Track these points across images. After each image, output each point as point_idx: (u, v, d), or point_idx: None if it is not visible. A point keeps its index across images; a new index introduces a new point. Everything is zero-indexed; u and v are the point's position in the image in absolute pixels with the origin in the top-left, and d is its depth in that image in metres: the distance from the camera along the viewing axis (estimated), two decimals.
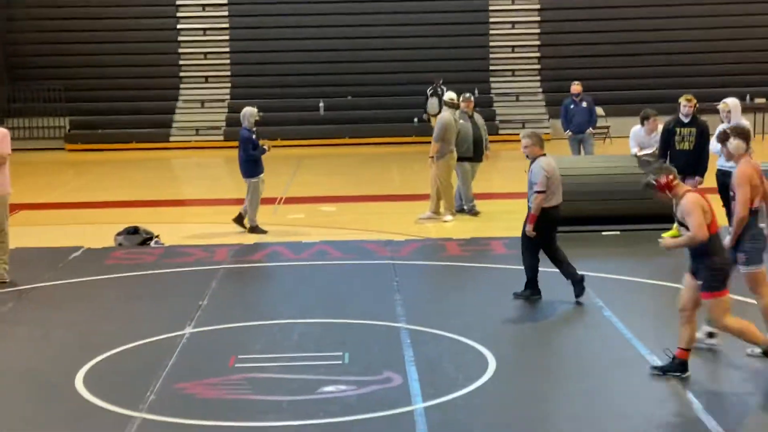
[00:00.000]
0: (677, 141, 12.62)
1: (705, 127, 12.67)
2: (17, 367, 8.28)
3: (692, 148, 12.55)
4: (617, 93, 27.90)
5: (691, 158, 12.54)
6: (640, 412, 6.97)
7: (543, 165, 9.94)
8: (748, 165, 8.10)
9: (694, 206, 7.47)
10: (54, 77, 28.44)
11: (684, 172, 12.66)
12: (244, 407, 7.22)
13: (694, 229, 7.43)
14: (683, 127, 12.63)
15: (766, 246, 8.13)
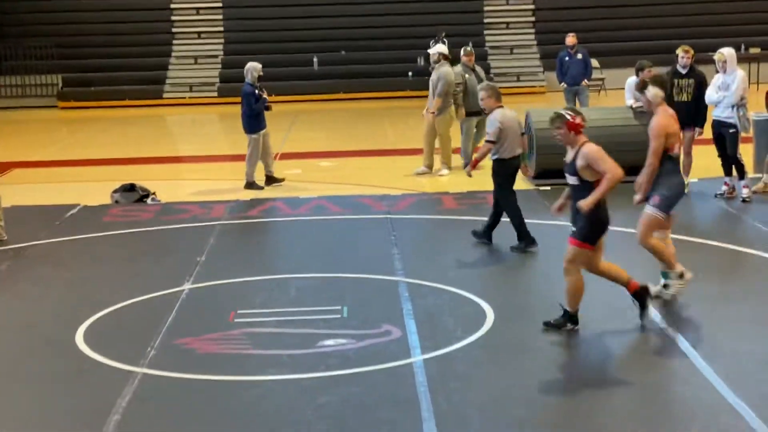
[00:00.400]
0: (675, 92, 12.60)
1: (703, 77, 12.65)
2: (16, 325, 8.32)
3: (690, 99, 12.55)
4: (612, 45, 27.80)
5: (690, 109, 12.53)
6: (636, 359, 7.05)
7: (497, 116, 10.16)
8: (666, 115, 8.17)
9: (600, 152, 7.52)
10: (46, 34, 28.27)
11: (683, 123, 12.65)
12: (244, 361, 7.26)
13: (611, 172, 7.44)
14: (681, 78, 12.61)
15: (681, 196, 8.28)
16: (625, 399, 6.45)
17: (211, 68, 28.54)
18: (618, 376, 6.82)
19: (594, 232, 7.57)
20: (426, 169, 14.93)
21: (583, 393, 6.55)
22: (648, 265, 8.66)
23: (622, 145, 13.67)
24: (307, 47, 28.51)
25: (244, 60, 28.97)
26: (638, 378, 6.74)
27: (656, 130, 8.10)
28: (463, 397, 6.47)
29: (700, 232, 11.09)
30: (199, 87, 27.98)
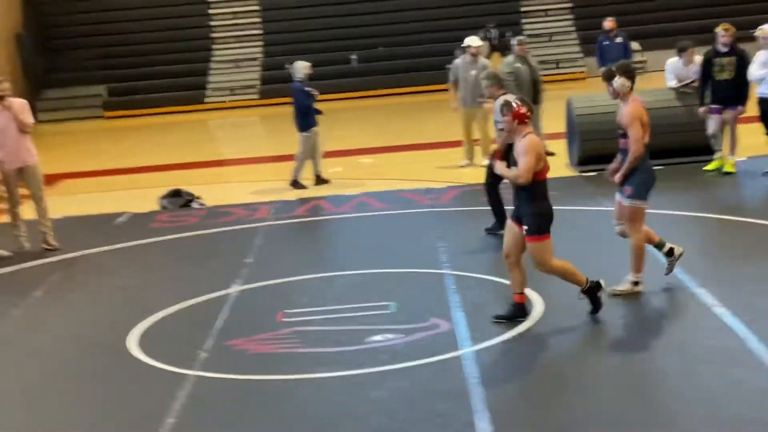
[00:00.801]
0: (716, 71, 12.46)
1: (744, 55, 12.49)
2: (70, 333, 8.43)
3: (732, 77, 12.40)
4: (652, 26, 27.54)
5: (731, 88, 12.40)
6: (691, 345, 6.96)
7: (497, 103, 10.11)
8: (637, 103, 8.08)
9: (531, 149, 7.42)
10: (89, 46, 28.62)
11: (725, 102, 12.55)
12: (294, 360, 7.30)
13: (521, 171, 7.39)
14: (722, 56, 12.47)
15: (653, 184, 8.15)
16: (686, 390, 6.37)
17: (251, 71, 28.70)
18: (678, 368, 6.70)
19: (542, 222, 7.54)
20: (469, 161, 14.91)
21: (639, 381, 6.50)
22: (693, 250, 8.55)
23: (667, 126, 13.59)
24: (345, 45, 28.57)
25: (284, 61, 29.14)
26: (694, 366, 6.68)
27: (630, 117, 7.99)
28: (514, 388, 6.47)
29: (749, 211, 10.98)
30: (240, 90, 28.16)
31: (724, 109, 12.56)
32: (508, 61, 15.10)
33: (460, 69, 14.57)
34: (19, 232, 11.43)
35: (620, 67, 8.19)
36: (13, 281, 10.37)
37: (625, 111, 8.08)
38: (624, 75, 8.09)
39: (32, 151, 11.34)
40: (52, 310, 9.17)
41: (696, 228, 10.51)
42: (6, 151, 11.16)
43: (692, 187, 12.28)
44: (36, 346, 8.17)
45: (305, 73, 14.25)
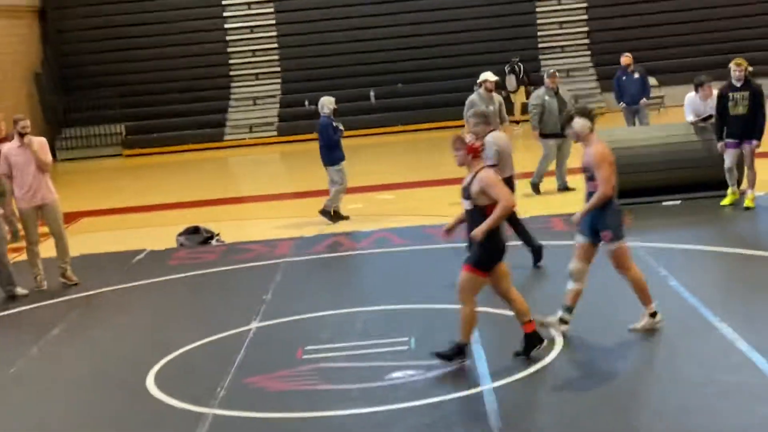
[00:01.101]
0: (731, 106, 12.47)
1: (758, 90, 12.51)
2: (90, 370, 8.43)
3: (747, 112, 12.41)
4: (669, 62, 27.54)
5: (746, 122, 12.42)
6: (712, 382, 6.88)
7: (492, 140, 10.48)
8: (601, 143, 8.00)
9: (497, 179, 7.46)
10: (107, 85, 28.80)
11: (740, 136, 12.54)
12: (314, 397, 7.27)
13: (505, 198, 7.38)
14: (736, 91, 12.48)
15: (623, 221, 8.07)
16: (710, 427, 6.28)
17: (270, 108, 28.83)
18: (701, 405, 6.63)
19: (488, 259, 7.48)
20: None
21: (660, 419, 6.42)
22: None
23: (685, 162, 13.57)
24: (364, 82, 28.66)
25: (302, 98, 29.27)
26: (715, 402, 6.61)
27: (599, 157, 7.85)
28: (535, 424, 6.42)
29: None
30: (259, 127, 28.26)
31: (740, 143, 12.56)
32: (538, 94, 15.16)
33: (476, 104, 14.49)
34: (38, 271, 11.47)
35: (578, 110, 8.16)
36: (31, 319, 10.40)
37: (591, 152, 7.94)
38: (583, 116, 8.01)
39: (51, 188, 11.45)
40: (71, 348, 9.17)
41: (716, 262, 10.44)
42: (25, 189, 11.26)
43: (711, 222, 12.22)
44: (54, 384, 8.17)
45: (331, 108, 14.36)
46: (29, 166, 11.22)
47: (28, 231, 11.49)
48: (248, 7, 30.25)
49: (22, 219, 11.46)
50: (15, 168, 11.29)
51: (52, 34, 29.68)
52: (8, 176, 11.44)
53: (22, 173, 11.23)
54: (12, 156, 11.32)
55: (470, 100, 14.57)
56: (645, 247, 10.92)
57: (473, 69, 28.02)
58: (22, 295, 11.13)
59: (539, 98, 15.06)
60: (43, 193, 11.33)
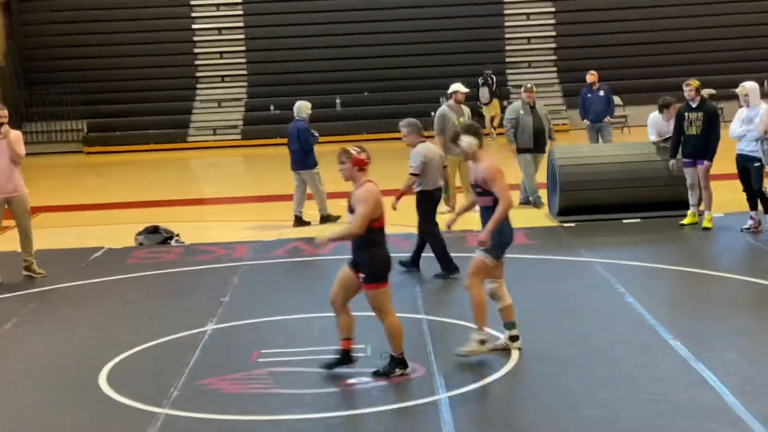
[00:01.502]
0: (686, 126, 12.66)
1: (712, 111, 12.68)
2: (41, 366, 8.31)
3: (700, 133, 12.56)
4: (634, 82, 27.81)
5: (699, 142, 12.60)
6: (667, 399, 6.91)
7: (421, 150, 10.84)
8: (491, 157, 8.01)
9: (369, 197, 7.42)
10: (70, 80, 28.59)
11: (693, 156, 12.70)
12: (267, 401, 7.21)
13: (357, 218, 7.38)
14: (691, 111, 12.66)
15: (511, 241, 8.02)
16: None
17: (234, 111, 28.73)
18: (655, 421, 6.64)
19: (380, 272, 7.50)
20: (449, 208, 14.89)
21: (611, 429, 6.44)
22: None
23: (646, 180, 13.68)
24: (330, 89, 28.66)
25: (267, 103, 29.20)
26: (670, 419, 6.64)
27: (492, 170, 7.79)
28: None
29: (726, 266, 11.01)
30: (223, 130, 28.16)
31: (694, 163, 12.71)
32: (514, 107, 15.16)
33: (447, 115, 14.45)
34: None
35: (464, 128, 8.10)
36: None
37: (482, 167, 7.87)
38: (469, 134, 7.95)
39: (21, 182, 11.37)
40: (22, 343, 9.04)
41: (673, 281, 10.51)
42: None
43: (669, 241, 12.31)
44: (3, 380, 8.04)
45: (308, 113, 14.42)
46: (2, 158, 11.14)
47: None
48: (217, 9, 30.16)
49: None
50: None
51: (15, 27, 29.41)
52: None
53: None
54: None
55: (441, 111, 14.56)
56: (603, 263, 10.98)
57: (439, 81, 28.14)
58: None
59: (515, 112, 15.07)
60: (13, 185, 11.26)
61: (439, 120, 14.40)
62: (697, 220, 12.87)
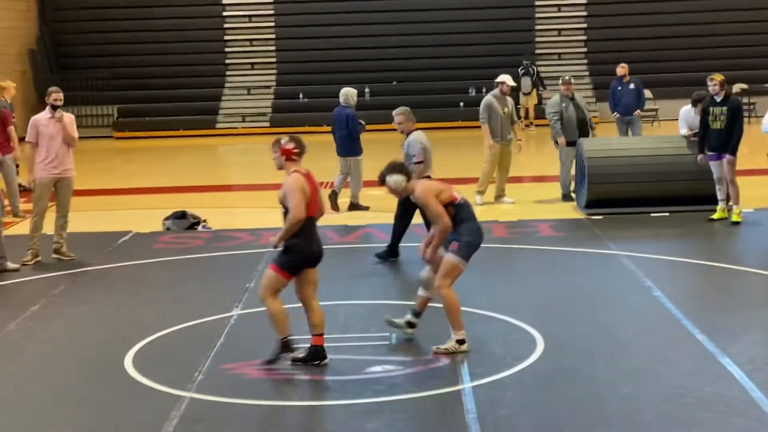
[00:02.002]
0: (711, 120, 12.60)
1: (736, 105, 12.66)
2: (68, 348, 8.38)
3: (723, 127, 12.51)
4: (666, 75, 27.58)
5: (722, 137, 12.53)
6: (692, 393, 6.87)
7: (418, 137, 11.03)
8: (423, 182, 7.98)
9: (294, 186, 7.46)
10: (101, 66, 28.70)
11: (717, 150, 12.63)
12: (291, 387, 7.24)
13: (292, 209, 7.42)
14: (715, 106, 12.62)
15: (480, 243, 7.89)
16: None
17: (263, 99, 28.76)
18: (680, 415, 6.60)
19: (291, 264, 7.52)
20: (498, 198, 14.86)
21: (638, 427, 6.41)
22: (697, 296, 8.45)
23: (675, 174, 13.59)
24: (360, 78, 28.57)
25: (296, 91, 29.22)
26: (695, 413, 6.60)
27: (423, 197, 7.72)
28: (513, 425, 6.39)
29: (755, 262, 10.91)
30: (251, 117, 28.19)
31: (719, 157, 12.65)
32: (555, 101, 15.05)
33: (493, 104, 14.45)
34: (36, 243, 11.47)
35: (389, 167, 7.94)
36: (13, 294, 10.35)
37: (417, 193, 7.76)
38: (395, 172, 7.87)
39: (72, 164, 11.61)
40: (50, 325, 9.12)
41: (700, 276, 10.44)
42: (49, 159, 11.36)
43: (698, 235, 12.23)
44: (31, 361, 8.11)
45: (355, 99, 14.53)
46: (57, 139, 11.36)
47: (41, 200, 11.46)
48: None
49: (37, 187, 11.42)
50: (42, 138, 11.34)
51: (48, 12, 29.56)
52: (34, 145, 11.39)
53: (48, 144, 11.33)
54: (41, 126, 11.38)
55: (486, 100, 14.55)
56: (630, 257, 10.92)
57: (469, 71, 28.18)
58: (12, 270, 11.07)
59: (557, 105, 14.94)
60: (65, 167, 11.47)
61: (485, 109, 14.45)
62: (726, 215, 12.78)
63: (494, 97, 14.50)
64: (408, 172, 7.95)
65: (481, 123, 14.59)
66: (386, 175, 7.94)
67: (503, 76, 14.70)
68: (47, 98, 11.47)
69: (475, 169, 15.29)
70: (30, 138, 11.41)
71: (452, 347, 7.75)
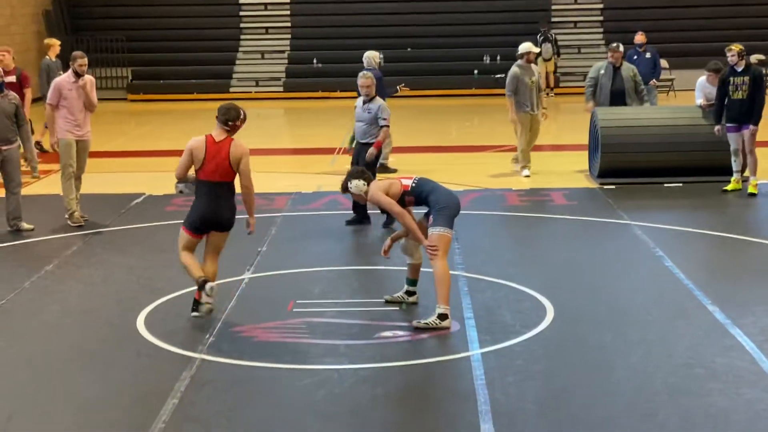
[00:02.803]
0: (731, 90, 12.52)
1: (758, 74, 12.58)
2: (80, 309, 8.43)
3: (745, 97, 12.43)
4: (682, 45, 27.37)
5: (744, 107, 12.46)
6: (701, 363, 6.88)
7: (385, 103, 11.50)
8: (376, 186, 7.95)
9: (186, 148, 8.19)
10: (116, 28, 28.63)
11: (738, 120, 12.56)
12: (301, 350, 7.27)
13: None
14: (736, 76, 12.53)
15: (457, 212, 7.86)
16: (696, 408, 6.27)
17: (277, 63, 28.68)
18: (688, 385, 6.60)
19: (189, 221, 8.16)
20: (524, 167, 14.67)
21: (646, 395, 6.42)
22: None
23: (689, 145, 13.54)
24: (374, 44, 28.43)
25: (310, 56, 29.12)
26: (704, 384, 6.61)
27: (374, 198, 7.86)
28: (521, 392, 6.41)
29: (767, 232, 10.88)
30: (265, 82, 28.14)
31: (739, 128, 12.58)
32: (596, 67, 14.80)
33: (519, 75, 14.27)
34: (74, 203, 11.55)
35: (350, 173, 8.07)
36: (29, 254, 10.41)
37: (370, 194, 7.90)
38: (355, 178, 7.98)
39: (90, 128, 11.74)
40: (63, 285, 9.17)
41: (712, 247, 10.42)
42: (71, 121, 11.46)
43: (711, 206, 12.19)
44: (44, 320, 8.17)
45: (377, 62, 14.43)
46: (79, 102, 11.46)
47: (67, 162, 11.52)
48: None
49: (61, 149, 11.48)
50: (64, 101, 11.42)
51: None
52: (55, 107, 11.43)
53: (71, 107, 11.41)
54: (65, 90, 11.43)
55: (513, 72, 14.27)
56: (642, 227, 10.91)
57: (483, 39, 28.01)
58: (27, 230, 11.14)
59: (595, 71, 14.67)
60: (85, 130, 11.58)
61: (512, 80, 14.19)
62: (740, 186, 12.73)
63: (519, 67, 14.31)
64: (368, 177, 8.06)
65: (507, 97, 14.38)
66: (348, 182, 8.05)
67: (526, 44, 14.47)
68: (72, 63, 11.47)
69: (490, 136, 15.23)
70: (51, 100, 11.44)
71: (433, 322, 7.63)
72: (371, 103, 11.38)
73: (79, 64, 11.44)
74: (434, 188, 7.90)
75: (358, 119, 11.48)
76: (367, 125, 11.35)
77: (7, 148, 11.09)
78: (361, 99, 11.51)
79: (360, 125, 11.44)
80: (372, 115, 11.33)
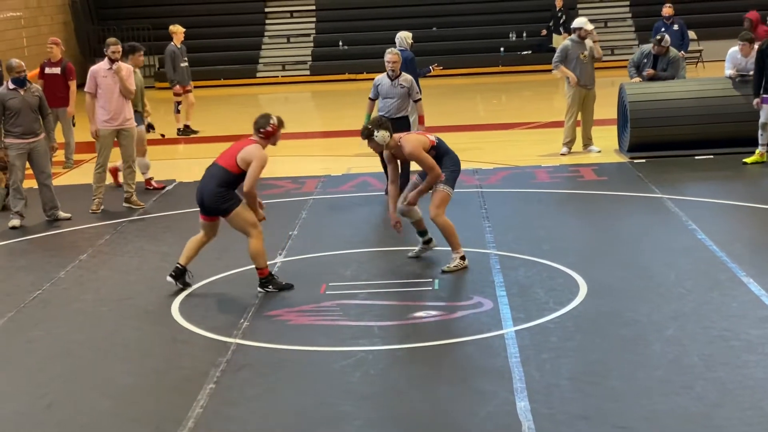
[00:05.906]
0: None
1: None
2: (116, 297, 8.49)
3: None
4: (711, 16, 27.10)
5: None
6: (737, 336, 6.85)
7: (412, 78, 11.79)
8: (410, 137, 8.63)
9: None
10: (142, 16, 28.72)
11: None
12: (336, 333, 7.30)
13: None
14: None
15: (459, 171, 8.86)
16: (731, 379, 6.24)
17: (303, 47, 28.67)
18: (724, 357, 6.58)
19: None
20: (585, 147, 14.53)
21: (681, 369, 6.40)
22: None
23: (719, 116, 13.43)
24: (399, 24, 28.36)
25: (336, 38, 29.09)
26: (740, 356, 6.58)
27: (416, 153, 8.51)
28: (556, 369, 6.41)
29: None
30: (291, 66, 28.14)
31: None
32: (642, 48, 14.74)
33: (570, 49, 14.19)
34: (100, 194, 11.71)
35: (374, 123, 8.56)
36: (64, 243, 10.51)
37: (408, 149, 8.49)
38: (381, 129, 8.48)
39: (131, 115, 11.78)
40: (98, 273, 9.24)
41: (746, 218, 10.34)
42: (107, 111, 11.53)
43: (743, 178, 12.10)
44: (80, 308, 8.24)
45: (409, 42, 14.43)
46: (114, 90, 11.51)
47: (102, 153, 11.64)
48: None
49: (99, 140, 11.59)
50: (100, 89, 11.51)
51: None
52: (93, 95, 11.52)
53: (106, 95, 11.52)
54: (99, 77, 11.53)
55: (564, 44, 14.26)
56: (674, 200, 10.85)
57: (509, 16, 27.87)
58: (64, 218, 11.26)
59: (639, 56, 14.52)
60: (123, 118, 11.64)
61: (562, 51, 14.11)
62: (764, 159, 12.61)
63: (571, 41, 14.24)
64: (391, 129, 8.61)
65: (553, 68, 14.34)
66: (375, 130, 8.47)
67: (580, 20, 14.40)
68: (106, 49, 11.57)
69: (518, 114, 15.16)
70: (89, 88, 11.54)
71: (457, 264, 8.55)
72: (400, 79, 11.58)
73: (112, 51, 11.50)
74: (447, 150, 8.83)
75: (385, 96, 11.53)
76: (400, 100, 11.59)
77: (35, 140, 11.17)
78: (385, 76, 11.53)
79: (390, 101, 11.53)
80: (405, 90, 11.59)
